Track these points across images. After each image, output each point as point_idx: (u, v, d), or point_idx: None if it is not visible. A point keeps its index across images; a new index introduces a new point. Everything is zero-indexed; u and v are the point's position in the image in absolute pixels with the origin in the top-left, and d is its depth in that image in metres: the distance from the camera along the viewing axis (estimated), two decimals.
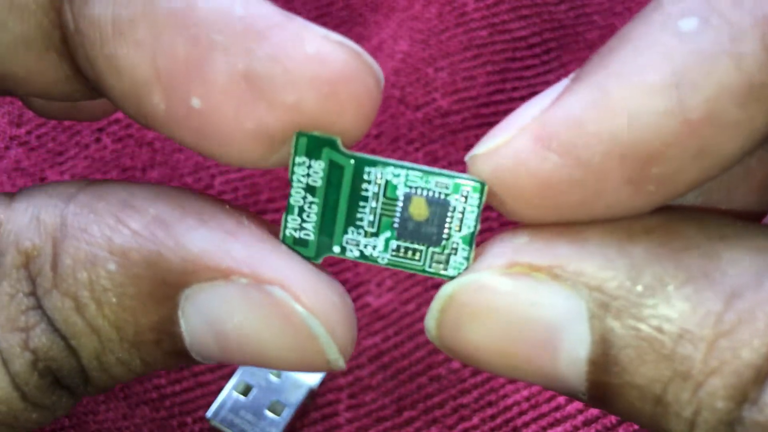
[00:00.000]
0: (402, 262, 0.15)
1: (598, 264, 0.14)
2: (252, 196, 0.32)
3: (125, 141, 0.33)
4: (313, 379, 0.28)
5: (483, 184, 0.15)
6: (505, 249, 0.15)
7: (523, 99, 0.35)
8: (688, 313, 0.13)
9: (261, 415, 0.27)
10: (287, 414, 0.27)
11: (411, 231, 0.15)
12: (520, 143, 0.14)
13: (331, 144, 0.14)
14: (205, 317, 0.15)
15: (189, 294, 0.15)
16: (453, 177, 0.15)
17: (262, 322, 0.15)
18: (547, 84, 0.35)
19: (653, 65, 0.13)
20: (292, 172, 0.15)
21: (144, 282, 0.15)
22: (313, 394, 0.28)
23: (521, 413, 0.28)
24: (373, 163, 0.15)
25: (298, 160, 0.15)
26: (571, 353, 0.14)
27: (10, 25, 0.15)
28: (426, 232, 0.15)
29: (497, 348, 0.14)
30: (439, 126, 0.34)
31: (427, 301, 0.27)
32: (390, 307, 0.30)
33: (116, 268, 0.15)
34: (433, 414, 0.28)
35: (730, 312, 0.13)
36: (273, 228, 0.16)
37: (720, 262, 0.13)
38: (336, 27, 0.36)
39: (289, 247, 0.15)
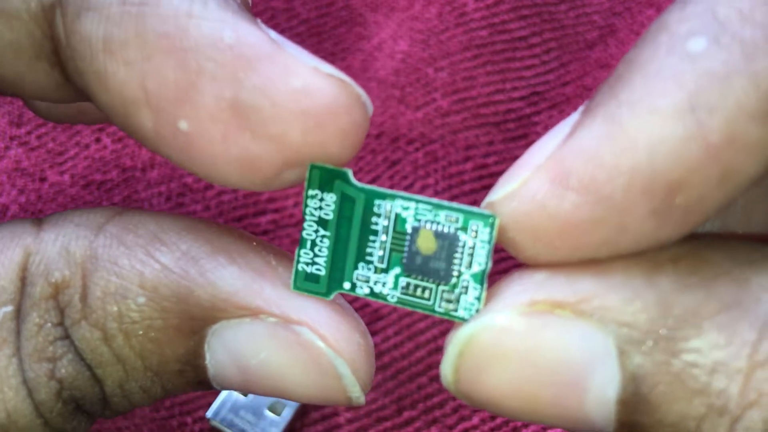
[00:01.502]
0: (411, 301, 0.15)
1: (625, 297, 0.13)
2: (252, 196, 0.32)
3: (125, 141, 0.33)
4: None
5: (494, 218, 0.14)
6: (524, 286, 0.14)
7: (523, 99, 0.35)
8: (722, 344, 0.13)
9: (261, 415, 0.27)
10: (287, 414, 0.27)
11: (419, 266, 0.14)
12: (537, 184, 0.13)
13: (343, 177, 0.15)
14: (231, 352, 0.15)
15: (216, 329, 0.15)
16: (462, 211, 0.14)
17: (288, 360, 0.15)
18: (547, 84, 0.35)
19: (665, 91, 0.12)
20: (306, 205, 0.15)
21: (172, 316, 0.15)
22: None
23: None
24: (383, 196, 0.15)
25: (310, 192, 0.15)
26: (600, 394, 0.13)
27: (0, 33, 0.15)
28: (434, 267, 0.14)
29: (521, 393, 0.14)
30: (439, 126, 0.34)
31: None
32: (390, 307, 0.30)
33: (146, 301, 0.15)
34: (433, 414, 0.28)
35: (765, 342, 0.12)
36: None
37: (751, 288, 0.13)
38: (336, 27, 0.36)
39: (302, 290, 0.15)
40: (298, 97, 0.14)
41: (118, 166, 0.33)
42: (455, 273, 0.14)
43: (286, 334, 0.15)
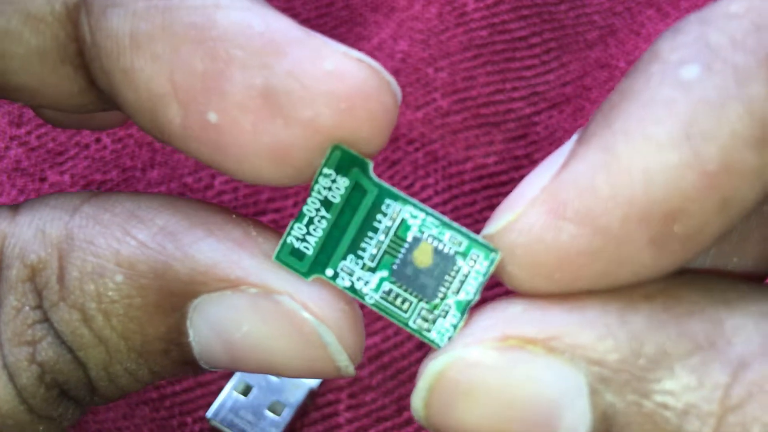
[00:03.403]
0: (388, 308, 0.15)
1: (597, 335, 0.13)
2: (252, 195, 0.32)
3: (125, 141, 0.33)
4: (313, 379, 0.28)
5: (497, 254, 0.14)
6: (497, 320, 0.14)
7: (523, 99, 0.35)
8: (694, 386, 0.12)
9: (261, 415, 0.27)
10: (287, 414, 0.27)
11: (408, 276, 0.14)
12: (533, 217, 0.13)
13: (363, 166, 0.14)
14: (214, 327, 0.15)
15: (197, 304, 0.15)
16: (469, 237, 0.14)
17: (271, 331, 0.15)
18: (547, 84, 0.35)
19: (660, 120, 0.12)
20: (316, 181, 0.14)
21: (152, 293, 0.15)
22: (313, 394, 0.28)
23: None
24: (395, 197, 0.14)
25: (325, 171, 0.14)
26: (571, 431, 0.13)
27: (25, 37, 0.15)
28: (423, 281, 0.14)
29: (491, 429, 0.14)
30: (439, 126, 0.34)
31: None
32: None
33: (123, 279, 0.15)
34: None
35: (737, 385, 0.12)
36: (279, 237, 0.16)
37: (725, 329, 0.13)
38: (336, 27, 0.36)
39: (283, 263, 0.15)
40: (330, 79, 0.14)
41: (118, 166, 0.33)
42: (440, 294, 0.14)
43: (268, 305, 0.15)
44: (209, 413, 0.27)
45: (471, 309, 0.14)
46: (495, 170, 0.33)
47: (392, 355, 0.29)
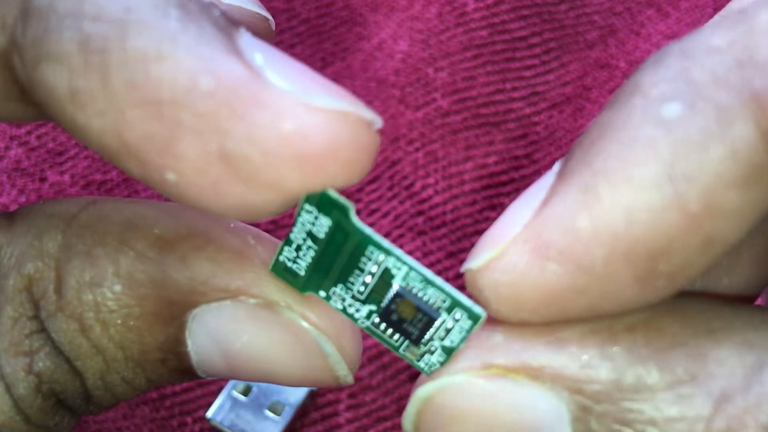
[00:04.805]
0: (379, 335, 0.15)
1: (578, 366, 0.13)
2: None
3: None
4: None
5: (481, 317, 0.14)
6: (480, 350, 0.14)
7: (523, 99, 0.35)
8: (675, 418, 0.13)
9: (261, 415, 0.27)
10: (287, 414, 0.27)
11: (393, 321, 0.14)
12: (515, 255, 0.13)
13: (343, 211, 0.13)
14: (213, 337, 0.15)
15: (196, 314, 0.15)
16: (452, 297, 0.14)
17: (271, 342, 0.15)
18: (547, 84, 0.35)
19: (641, 160, 0.12)
20: (299, 214, 0.14)
21: (150, 302, 0.14)
22: (313, 394, 0.28)
23: None
24: (378, 247, 0.14)
25: (306, 207, 0.13)
26: None
27: None
28: (407, 329, 0.14)
29: None
30: (439, 126, 0.34)
31: None
32: None
33: (122, 289, 0.14)
34: None
35: (719, 418, 0.12)
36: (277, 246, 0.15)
37: (708, 361, 0.13)
38: (336, 27, 0.36)
39: (278, 275, 0.15)
40: (291, 141, 0.12)
41: None
42: (426, 339, 0.14)
43: (268, 315, 0.14)
44: (209, 413, 0.27)
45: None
46: (495, 170, 0.33)
47: (392, 355, 0.29)
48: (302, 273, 0.14)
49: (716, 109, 0.12)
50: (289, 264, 0.14)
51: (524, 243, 0.13)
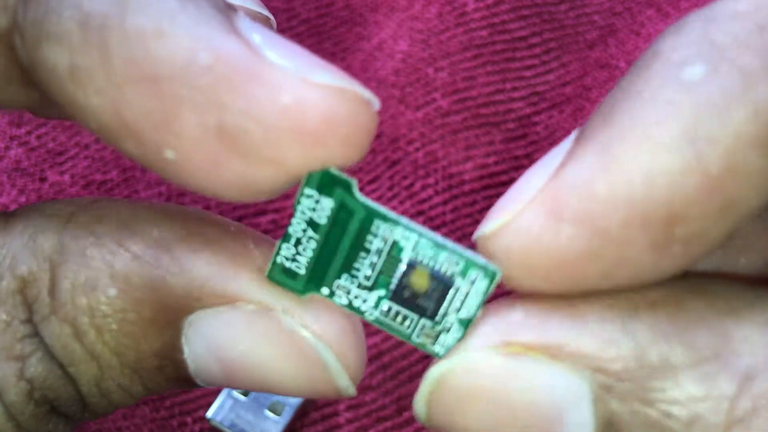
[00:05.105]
0: (389, 324, 0.14)
1: (601, 343, 0.13)
2: None
3: None
4: None
5: (497, 273, 0.13)
6: (499, 326, 0.13)
7: (523, 99, 0.35)
8: (700, 397, 0.12)
9: (261, 415, 0.27)
10: (287, 414, 0.27)
11: (406, 299, 0.14)
12: (530, 218, 0.13)
13: (346, 186, 0.13)
14: (210, 344, 0.14)
15: (193, 320, 0.14)
16: (465, 256, 0.13)
17: (269, 350, 0.14)
18: (547, 84, 0.35)
19: (662, 122, 0.12)
20: (298, 202, 0.14)
21: (145, 307, 0.14)
22: None
23: None
24: (384, 219, 0.13)
25: (307, 191, 0.13)
26: None
27: None
28: (422, 304, 0.14)
29: None
30: (439, 126, 0.34)
31: None
32: None
33: (117, 293, 0.14)
34: None
35: (743, 397, 0.12)
36: None
37: (731, 340, 0.13)
38: (336, 27, 0.36)
39: (276, 281, 0.14)
40: (290, 114, 0.12)
41: (118, 166, 0.33)
42: (441, 314, 0.14)
43: (265, 322, 0.14)
44: (209, 413, 0.27)
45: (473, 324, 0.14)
46: (495, 170, 0.33)
47: (392, 355, 0.29)
48: (302, 271, 0.14)
49: (739, 72, 0.12)
50: (288, 264, 0.14)
51: (539, 205, 0.13)
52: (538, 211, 0.13)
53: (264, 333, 0.14)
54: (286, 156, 0.13)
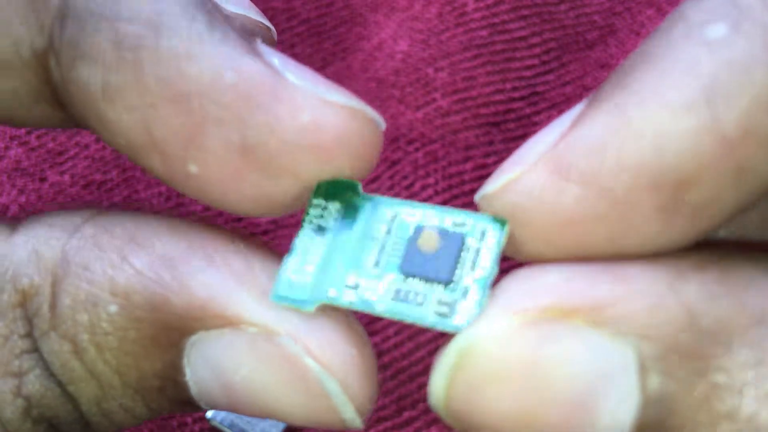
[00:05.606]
0: (401, 310, 0.13)
1: (648, 306, 0.12)
2: None
3: None
4: None
5: (504, 222, 0.13)
6: (532, 289, 0.12)
7: (523, 99, 0.35)
8: (752, 363, 0.11)
9: None
10: None
11: (417, 264, 0.13)
12: (535, 176, 0.12)
13: (352, 188, 0.14)
14: (212, 367, 0.14)
15: (194, 341, 0.14)
16: (470, 215, 0.13)
17: (271, 376, 0.14)
18: (547, 84, 0.35)
19: (679, 80, 0.12)
20: (307, 213, 0.14)
21: (147, 326, 0.14)
22: None
23: None
24: (389, 204, 0.14)
25: (315, 202, 0.14)
26: (614, 416, 0.12)
27: None
28: (434, 265, 0.13)
29: (522, 415, 0.12)
30: (439, 126, 0.34)
31: None
32: None
33: (118, 310, 0.14)
34: (433, 414, 0.28)
35: None
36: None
37: None
38: (336, 27, 0.36)
39: (281, 300, 0.14)
40: (307, 132, 0.13)
41: (118, 166, 0.33)
42: (456, 275, 0.13)
43: (268, 347, 0.13)
44: (209, 413, 0.27)
45: (492, 284, 0.13)
46: (495, 170, 0.33)
47: (392, 355, 0.29)
48: (309, 279, 0.14)
49: (764, 31, 0.11)
50: (294, 277, 0.14)
51: (545, 164, 0.12)
52: (544, 169, 0.12)
53: (266, 358, 0.14)
54: (301, 169, 0.13)
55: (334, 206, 0.14)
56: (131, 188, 0.32)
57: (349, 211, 0.14)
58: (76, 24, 0.13)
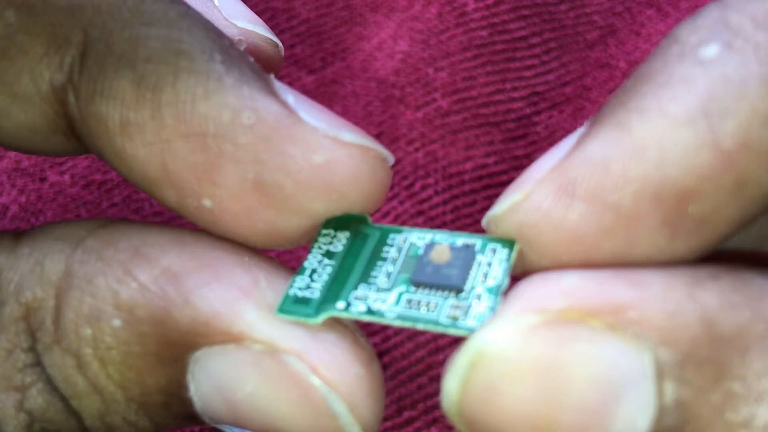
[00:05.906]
0: (412, 315, 0.13)
1: (667, 311, 0.12)
2: None
3: None
4: None
5: (514, 241, 0.13)
6: (549, 291, 0.12)
7: (523, 99, 0.35)
8: (766, 372, 0.11)
9: None
10: None
11: (429, 274, 0.13)
12: (541, 195, 0.13)
13: (362, 219, 0.15)
14: (216, 383, 0.14)
15: (199, 357, 0.14)
16: (479, 237, 0.14)
17: (276, 395, 0.13)
18: (547, 84, 0.35)
19: (676, 96, 0.12)
20: (316, 241, 0.14)
21: (151, 341, 0.13)
22: None
23: None
24: (399, 231, 0.14)
25: (324, 232, 0.15)
26: (629, 422, 0.12)
27: (14, 114, 0.14)
28: (446, 273, 0.13)
29: (539, 416, 0.12)
30: (439, 126, 0.34)
31: None
32: None
33: (121, 324, 0.13)
34: (433, 414, 0.28)
35: None
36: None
37: None
38: (336, 27, 0.36)
39: (286, 314, 0.14)
40: (321, 173, 0.14)
41: None
42: (468, 284, 0.13)
43: (273, 365, 0.13)
44: None
45: (504, 293, 0.13)
46: (495, 170, 0.33)
47: (392, 355, 0.29)
48: (316, 295, 0.14)
49: (755, 48, 0.12)
50: (301, 293, 0.14)
51: (550, 183, 0.13)
52: (550, 187, 0.13)
53: (271, 376, 0.13)
54: (314, 207, 0.14)
55: (343, 234, 0.15)
56: (131, 188, 0.32)
57: (359, 240, 0.14)
58: (96, 62, 0.14)
